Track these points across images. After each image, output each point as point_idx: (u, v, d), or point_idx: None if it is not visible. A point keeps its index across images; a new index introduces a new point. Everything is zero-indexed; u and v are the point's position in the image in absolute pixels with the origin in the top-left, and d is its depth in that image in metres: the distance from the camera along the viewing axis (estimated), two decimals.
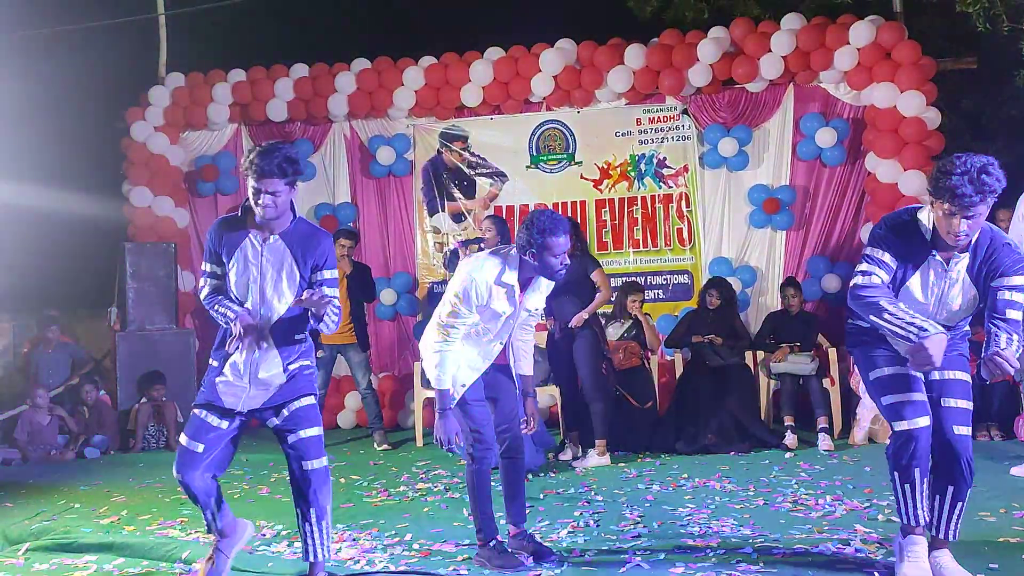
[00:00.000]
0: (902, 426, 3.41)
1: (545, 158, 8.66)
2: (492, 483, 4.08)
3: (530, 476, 5.91)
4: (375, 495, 5.65)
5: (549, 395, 7.46)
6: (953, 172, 3.19)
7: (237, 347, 3.60)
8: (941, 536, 3.51)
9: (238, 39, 10.40)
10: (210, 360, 3.74)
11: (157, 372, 7.97)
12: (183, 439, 3.69)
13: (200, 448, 3.63)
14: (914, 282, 3.42)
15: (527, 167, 8.70)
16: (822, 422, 6.77)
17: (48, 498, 5.87)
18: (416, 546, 4.37)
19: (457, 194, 8.82)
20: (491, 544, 4.04)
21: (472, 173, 8.80)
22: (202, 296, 3.72)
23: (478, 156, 8.77)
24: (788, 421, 6.80)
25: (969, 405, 3.48)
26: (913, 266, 3.41)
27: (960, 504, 3.46)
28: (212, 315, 3.68)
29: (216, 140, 9.14)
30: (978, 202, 3.18)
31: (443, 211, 8.84)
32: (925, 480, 3.44)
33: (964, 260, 3.38)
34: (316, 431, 3.68)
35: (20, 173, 8.71)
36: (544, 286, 4.12)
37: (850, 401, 7.01)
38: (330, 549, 3.75)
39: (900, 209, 3.55)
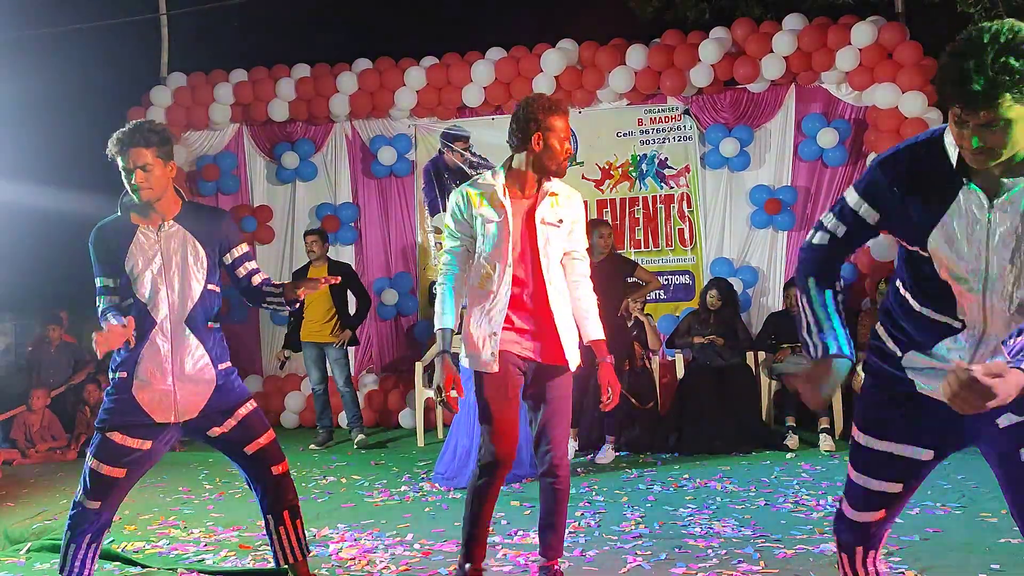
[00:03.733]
0: (847, 512, 2.54)
1: None
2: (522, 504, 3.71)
3: (530, 478, 5.92)
4: (376, 495, 5.65)
5: None
6: (958, 52, 1.97)
7: (138, 342, 3.29)
8: None
9: (240, 39, 10.41)
10: (112, 375, 3.38)
11: None
12: (95, 464, 3.30)
13: (121, 474, 3.31)
14: (937, 236, 2.17)
15: None
16: (823, 423, 6.77)
17: (49, 498, 5.87)
18: (417, 546, 4.38)
19: None
20: (464, 570, 3.53)
21: (473, 173, 8.79)
22: (99, 314, 3.38)
23: (479, 156, 8.77)
24: (790, 422, 6.80)
25: None
26: (937, 208, 2.17)
27: None
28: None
29: (218, 140, 9.14)
30: (994, 99, 1.93)
31: (444, 211, 8.82)
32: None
33: (1021, 186, 2.10)
34: (272, 434, 3.54)
35: (21, 173, 8.71)
36: (565, 197, 3.47)
37: (851, 402, 7.00)
38: (308, 545, 3.63)
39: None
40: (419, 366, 7.68)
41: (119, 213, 3.43)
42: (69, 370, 8.42)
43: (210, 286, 3.39)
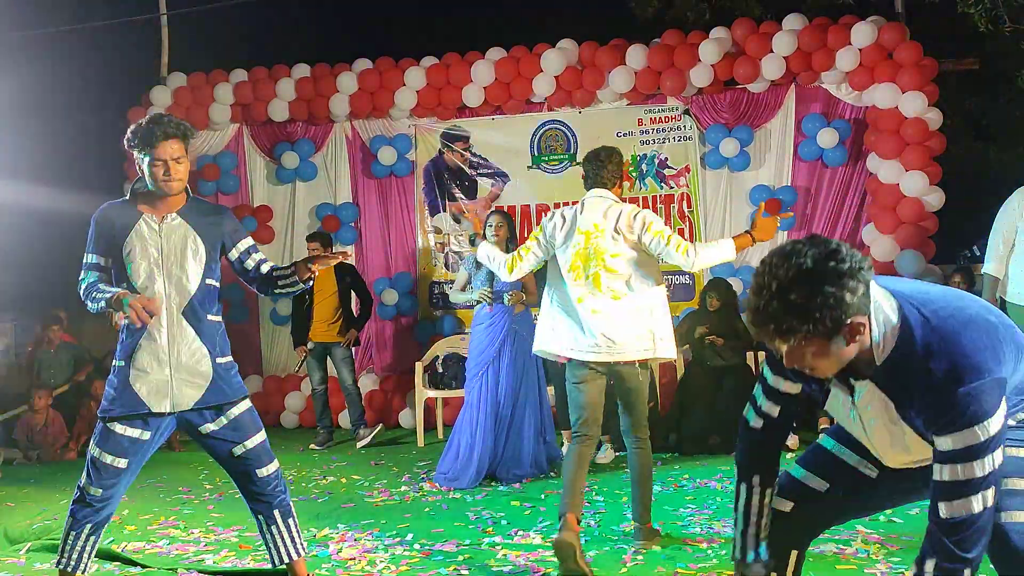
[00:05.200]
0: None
1: (546, 158, 8.66)
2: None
3: (531, 477, 5.92)
4: (376, 495, 5.65)
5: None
6: (753, 286, 2.05)
7: (137, 331, 3.31)
8: None
9: (240, 39, 10.43)
10: (114, 362, 3.42)
11: None
12: (97, 452, 3.34)
13: (123, 464, 3.35)
14: (829, 406, 2.35)
15: (528, 167, 8.70)
16: (823, 422, 6.77)
17: (49, 497, 5.87)
18: (417, 546, 4.38)
19: (458, 194, 8.83)
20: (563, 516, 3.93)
21: (473, 173, 8.80)
22: (81, 288, 3.42)
23: (479, 156, 8.77)
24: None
25: None
26: (819, 394, 2.34)
27: None
28: (89, 305, 3.37)
29: (218, 140, 9.14)
30: (783, 334, 2.00)
31: (444, 211, 8.84)
32: None
33: (867, 388, 2.16)
34: (263, 435, 3.51)
35: (21, 173, 8.71)
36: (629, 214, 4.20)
37: None
38: (303, 544, 3.62)
39: None
40: (419, 366, 7.68)
41: (127, 198, 3.48)
42: (70, 370, 8.42)
43: (208, 281, 3.41)
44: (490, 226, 6.02)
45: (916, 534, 4.21)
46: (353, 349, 7.79)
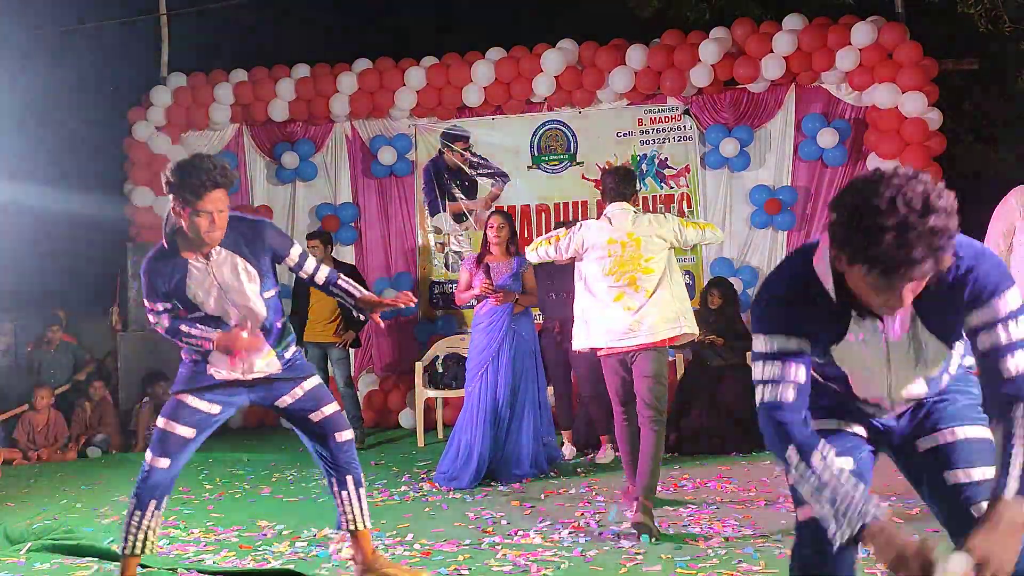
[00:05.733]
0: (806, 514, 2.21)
1: (546, 158, 8.66)
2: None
3: (531, 478, 5.92)
4: (376, 495, 5.65)
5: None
6: (874, 225, 1.85)
7: (225, 365, 3.55)
8: None
9: (240, 39, 10.42)
10: (188, 356, 3.64)
11: (159, 372, 7.99)
12: (166, 423, 3.55)
13: (191, 434, 3.57)
14: (838, 352, 2.20)
15: (528, 167, 8.70)
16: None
17: (49, 497, 5.87)
18: (417, 546, 4.37)
19: (458, 194, 8.83)
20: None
21: (473, 173, 8.80)
22: (159, 329, 3.56)
23: (479, 156, 8.77)
24: None
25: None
26: (828, 339, 2.18)
27: None
28: (183, 344, 3.55)
29: (218, 140, 9.14)
30: (923, 260, 1.85)
31: (444, 211, 8.85)
32: None
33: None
34: (337, 405, 3.79)
35: (22, 173, 8.71)
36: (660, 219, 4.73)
37: None
38: (369, 519, 3.84)
39: (785, 259, 2.27)
40: (419, 366, 7.68)
41: (165, 245, 3.51)
42: (70, 370, 8.43)
43: (267, 294, 3.59)
44: (491, 227, 6.05)
45: (916, 534, 4.20)
46: (352, 350, 7.78)
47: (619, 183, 4.79)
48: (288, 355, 3.70)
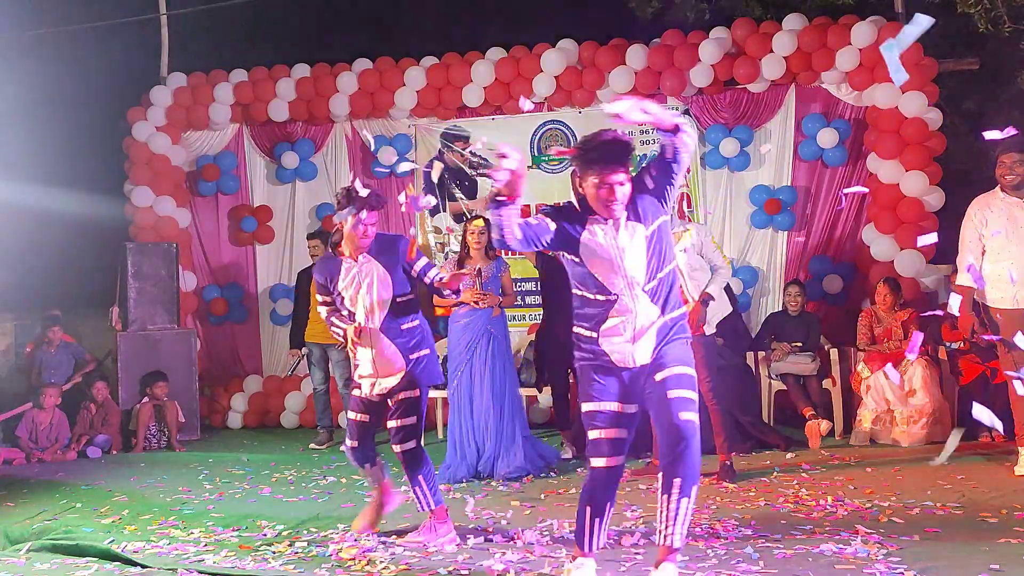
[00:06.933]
0: (599, 463, 3.55)
1: (546, 158, 8.66)
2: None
3: (531, 477, 5.93)
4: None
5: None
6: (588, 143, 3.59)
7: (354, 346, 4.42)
8: (668, 544, 3.40)
9: (240, 39, 10.41)
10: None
11: (158, 372, 7.99)
12: (351, 415, 4.58)
13: (367, 418, 4.52)
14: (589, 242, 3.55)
15: (528, 167, 8.67)
16: (807, 411, 6.78)
17: (50, 497, 5.87)
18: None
19: (459, 194, 8.83)
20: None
21: (474, 173, 8.80)
22: (322, 316, 4.66)
23: (480, 156, 8.77)
24: (808, 413, 6.75)
25: (694, 395, 3.42)
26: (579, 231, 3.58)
27: (687, 503, 3.37)
28: (332, 330, 4.59)
29: (218, 140, 9.14)
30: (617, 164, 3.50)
31: (445, 211, 8.85)
32: (610, 511, 3.64)
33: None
34: (414, 419, 4.44)
35: (22, 173, 8.71)
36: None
37: (851, 401, 7.00)
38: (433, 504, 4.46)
39: None
40: None
41: (330, 251, 4.64)
42: (70, 370, 8.42)
43: (399, 299, 4.45)
44: (472, 232, 6.17)
45: (916, 534, 4.21)
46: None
47: None
48: (413, 356, 4.45)
